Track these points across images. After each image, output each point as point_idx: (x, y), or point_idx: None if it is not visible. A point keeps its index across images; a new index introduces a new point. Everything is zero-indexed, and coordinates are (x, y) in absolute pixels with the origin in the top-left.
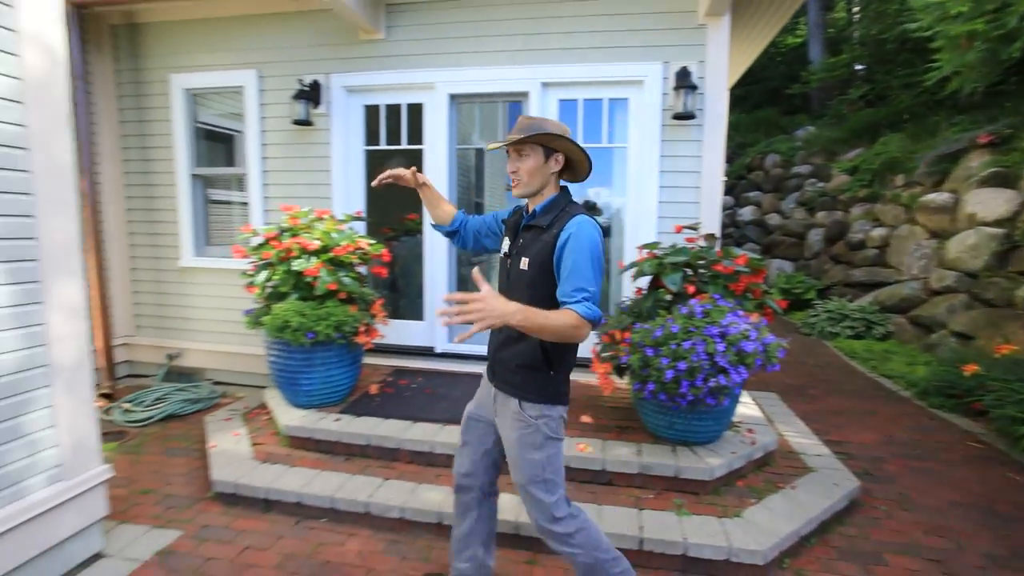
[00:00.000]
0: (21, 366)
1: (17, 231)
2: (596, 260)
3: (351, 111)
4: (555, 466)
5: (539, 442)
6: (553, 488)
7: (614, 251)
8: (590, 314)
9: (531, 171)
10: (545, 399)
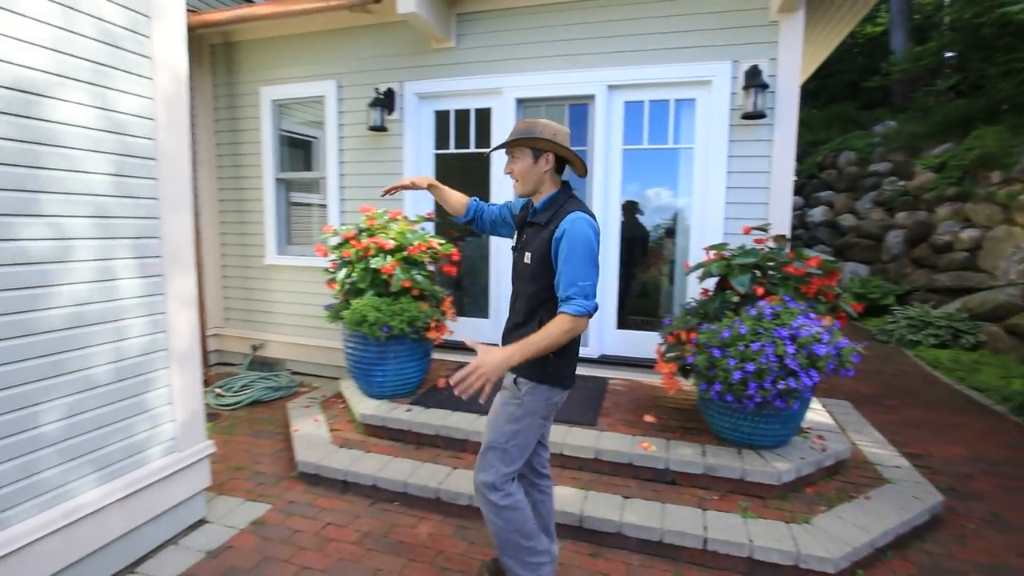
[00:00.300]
0: (146, 349)
1: (146, 231)
2: (589, 254)
3: (422, 117)
4: (519, 442)
5: (517, 415)
6: (508, 460)
7: (679, 252)
8: (581, 310)
9: (523, 171)
10: (539, 378)
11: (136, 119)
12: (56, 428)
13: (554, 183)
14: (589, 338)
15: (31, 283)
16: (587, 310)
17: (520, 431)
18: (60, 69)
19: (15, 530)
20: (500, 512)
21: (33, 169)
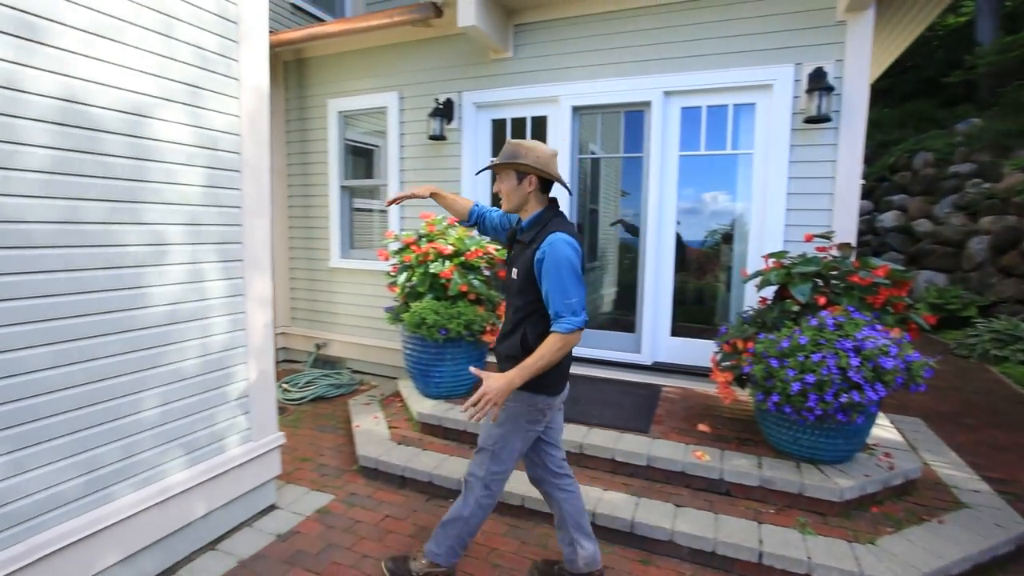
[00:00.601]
0: (228, 345)
1: (230, 237)
2: (572, 272)
3: (480, 125)
4: (506, 445)
5: (501, 419)
6: (498, 462)
7: (736, 258)
8: (571, 327)
9: (508, 191)
10: (523, 386)
11: (224, 135)
12: (152, 415)
13: (539, 202)
14: (642, 345)
15: (132, 284)
16: (576, 326)
17: (505, 435)
18: (162, 92)
19: (119, 503)
20: (473, 508)
21: (140, 183)
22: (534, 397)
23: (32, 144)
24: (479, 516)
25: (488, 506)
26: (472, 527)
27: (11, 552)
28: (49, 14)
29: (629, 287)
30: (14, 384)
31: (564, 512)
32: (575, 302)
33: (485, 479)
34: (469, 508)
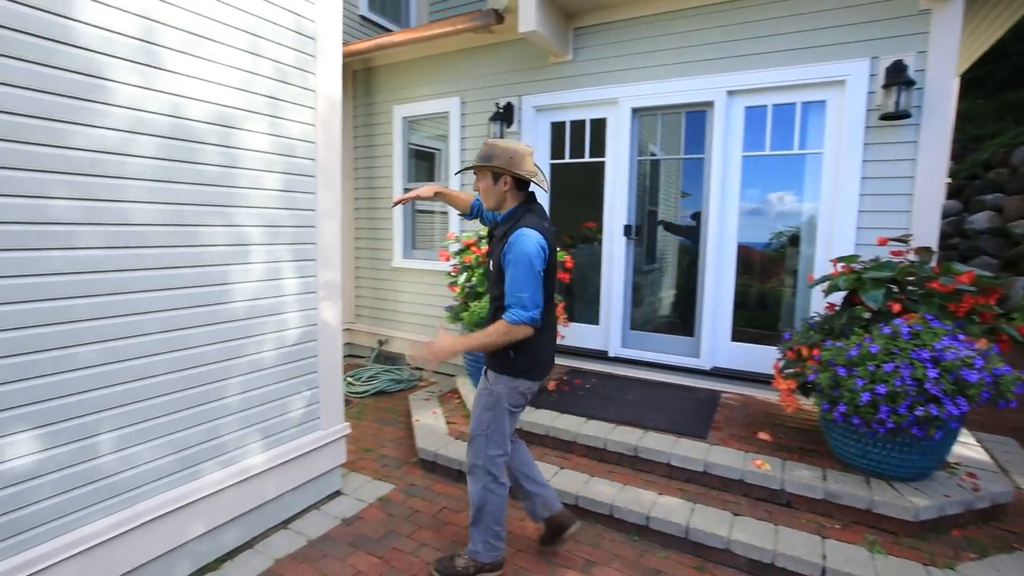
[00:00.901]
0: (301, 339)
1: (304, 238)
2: (528, 268)
3: (539, 128)
4: (498, 429)
5: (491, 403)
6: (493, 444)
7: (803, 262)
8: (514, 319)
9: (485, 190)
10: (504, 371)
11: (300, 142)
12: (233, 401)
13: (515, 198)
14: (700, 349)
15: (219, 281)
16: (520, 319)
17: (494, 418)
18: (246, 104)
19: (205, 480)
20: (483, 492)
21: (228, 188)
22: (515, 381)
23: (144, 156)
24: (494, 502)
25: (498, 490)
26: (495, 515)
27: (120, 516)
28: (161, 41)
29: (688, 290)
30: (123, 368)
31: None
32: (525, 297)
33: (486, 464)
34: (481, 498)
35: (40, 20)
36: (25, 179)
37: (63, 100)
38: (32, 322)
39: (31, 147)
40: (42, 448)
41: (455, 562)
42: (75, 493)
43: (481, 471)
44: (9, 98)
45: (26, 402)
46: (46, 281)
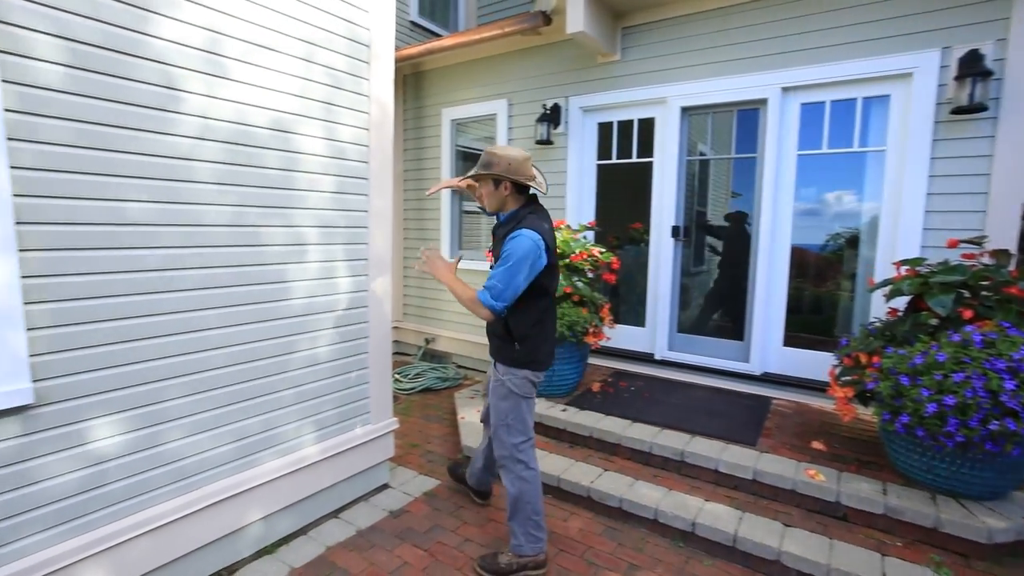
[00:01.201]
0: (354, 335)
1: (356, 238)
2: (515, 266)
3: (586, 129)
4: (516, 415)
5: (504, 394)
6: (514, 432)
7: (862, 265)
8: (484, 300)
9: (487, 195)
10: (511, 363)
11: (354, 146)
12: (289, 394)
13: (517, 201)
14: (751, 354)
15: (278, 279)
16: (486, 302)
17: (511, 407)
18: (303, 110)
19: (262, 468)
20: (516, 482)
21: (287, 190)
22: (523, 371)
23: (210, 160)
24: (529, 491)
25: (531, 477)
26: (532, 504)
27: (187, 498)
28: (225, 52)
29: (738, 293)
30: (192, 360)
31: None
32: (499, 287)
33: (513, 454)
34: (515, 487)
35: (120, 37)
36: (109, 183)
37: (140, 110)
38: (115, 315)
39: (112, 154)
40: (120, 432)
41: (498, 559)
42: (148, 475)
43: (510, 461)
44: (94, 110)
45: (108, 388)
46: (128, 278)
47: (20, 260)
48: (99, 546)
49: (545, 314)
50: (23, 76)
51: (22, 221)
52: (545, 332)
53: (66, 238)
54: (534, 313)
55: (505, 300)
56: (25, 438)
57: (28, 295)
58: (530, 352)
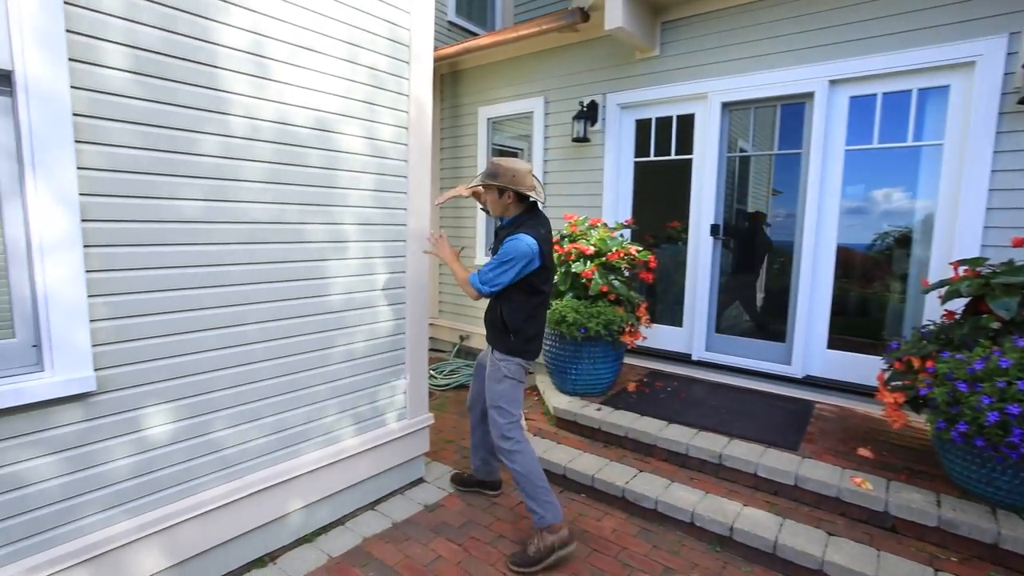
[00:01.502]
0: (391, 331)
1: (394, 235)
2: (508, 261)
3: (623, 126)
4: (509, 398)
5: (499, 378)
6: (506, 414)
7: (914, 265)
8: (474, 281)
9: (492, 203)
10: (506, 351)
11: (393, 144)
12: (327, 388)
13: (518, 208)
14: (792, 356)
15: (319, 275)
16: (475, 283)
17: (505, 390)
18: (345, 110)
19: (302, 459)
20: (512, 457)
21: (329, 188)
22: (517, 359)
23: (258, 160)
24: (526, 462)
25: (523, 450)
26: (536, 472)
27: (231, 486)
28: (270, 53)
29: (780, 292)
30: (237, 353)
31: (487, 438)
32: (491, 274)
33: (503, 433)
34: (518, 463)
35: (178, 43)
36: (165, 182)
37: (193, 112)
38: (167, 308)
39: (168, 154)
40: (171, 420)
41: (528, 551)
42: (196, 462)
43: (502, 440)
44: (153, 113)
45: (161, 379)
46: (180, 273)
47: (84, 256)
48: (152, 528)
49: (537, 310)
50: (92, 83)
51: (87, 219)
52: (536, 326)
53: (126, 234)
54: (527, 309)
55: (491, 287)
56: (87, 423)
57: (91, 289)
58: (523, 343)
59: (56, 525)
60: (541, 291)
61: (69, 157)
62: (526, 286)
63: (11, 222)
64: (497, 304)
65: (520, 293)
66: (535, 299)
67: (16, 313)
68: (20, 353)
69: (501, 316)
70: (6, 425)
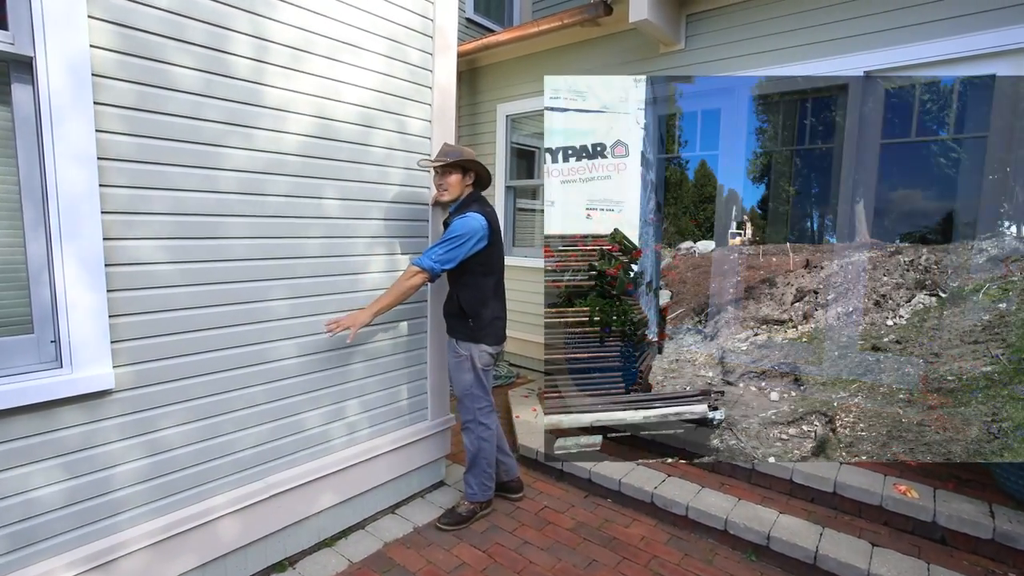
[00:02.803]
0: (414, 330)
1: (418, 231)
2: (458, 238)
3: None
4: (479, 385)
5: (466, 367)
6: (477, 399)
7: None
8: (417, 261)
9: (454, 183)
10: (467, 338)
11: (419, 138)
12: (349, 387)
13: (468, 191)
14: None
15: (351, 270)
16: (420, 263)
17: (474, 379)
18: (373, 103)
19: (323, 461)
20: (478, 441)
21: (359, 183)
22: (479, 345)
23: (292, 153)
24: (487, 448)
25: (488, 437)
26: (488, 458)
27: (249, 489)
28: (308, 47)
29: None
30: (259, 350)
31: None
32: (440, 253)
33: (477, 417)
34: (475, 445)
35: (229, 39)
36: (179, 174)
37: (235, 106)
38: (190, 304)
39: (206, 147)
40: (190, 420)
41: (457, 511)
42: (216, 463)
43: (474, 424)
44: (205, 108)
45: (179, 377)
46: (201, 268)
47: (104, 248)
48: (167, 532)
49: (493, 292)
50: (152, 78)
51: (108, 210)
52: (495, 309)
53: (148, 227)
54: (482, 291)
55: (442, 264)
56: (103, 422)
57: (111, 283)
58: (483, 327)
59: (64, 531)
60: (493, 271)
61: (88, 131)
62: (479, 267)
63: (30, 213)
64: (454, 292)
65: (474, 276)
66: (490, 280)
67: (35, 307)
68: (38, 349)
69: (459, 303)
70: (24, 424)
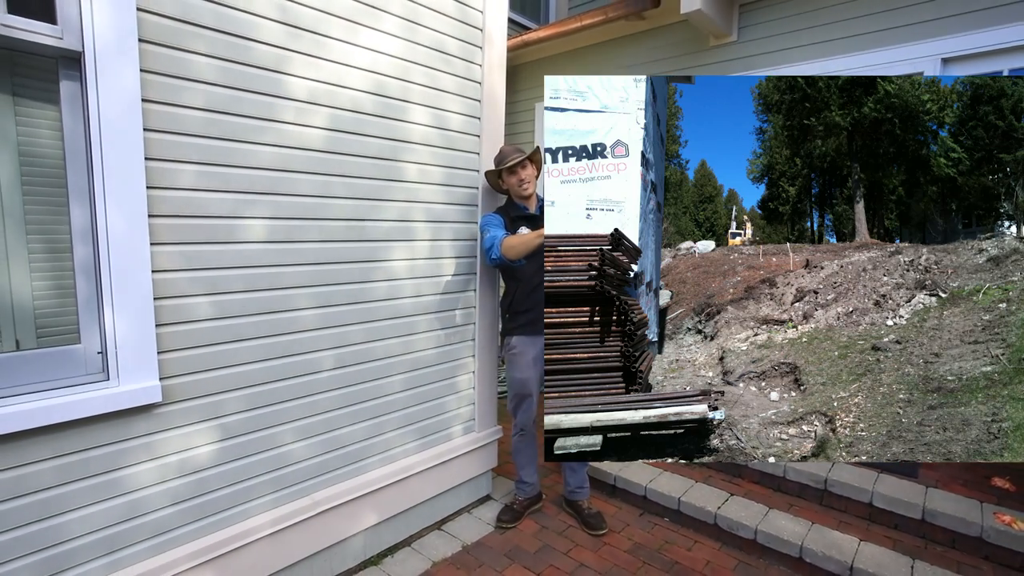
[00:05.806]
0: (460, 338)
1: (465, 233)
2: None
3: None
4: (511, 379)
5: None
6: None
7: None
8: None
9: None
10: (503, 333)
11: (463, 135)
12: (394, 399)
13: None
14: None
15: (385, 276)
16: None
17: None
18: (416, 96)
19: (368, 476)
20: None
21: (398, 182)
22: (507, 339)
23: (325, 151)
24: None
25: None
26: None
27: (298, 504)
28: (356, 40)
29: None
30: (301, 361)
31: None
32: None
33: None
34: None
35: (262, 28)
36: (232, 175)
37: (252, 121)
38: (236, 312)
39: (237, 144)
40: (238, 433)
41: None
42: (262, 479)
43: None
44: (228, 100)
45: (225, 389)
46: (242, 274)
47: (152, 254)
48: (210, 553)
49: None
50: (173, 69)
51: (155, 214)
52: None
53: (196, 232)
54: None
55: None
56: (150, 437)
57: (157, 290)
58: (510, 320)
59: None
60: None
61: (136, 149)
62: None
63: (77, 218)
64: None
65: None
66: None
67: (82, 316)
68: (86, 360)
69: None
70: (71, 440)
